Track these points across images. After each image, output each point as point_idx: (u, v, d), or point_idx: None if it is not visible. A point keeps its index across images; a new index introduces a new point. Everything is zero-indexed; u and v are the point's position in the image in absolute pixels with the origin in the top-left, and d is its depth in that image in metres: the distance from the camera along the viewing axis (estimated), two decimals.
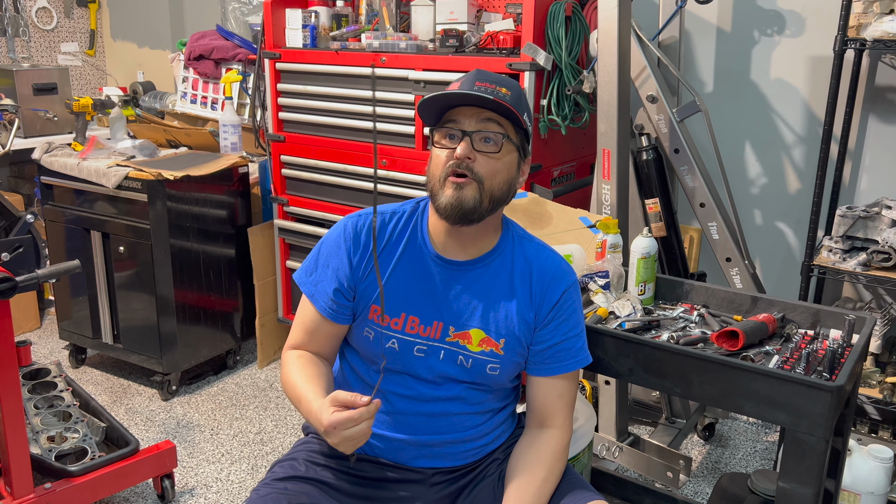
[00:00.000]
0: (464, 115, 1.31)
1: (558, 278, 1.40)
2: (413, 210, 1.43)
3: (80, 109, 3.13)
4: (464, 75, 1.36)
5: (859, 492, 1.96)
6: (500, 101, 1.28)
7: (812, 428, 1.29)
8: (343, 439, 1.17)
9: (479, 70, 1.36)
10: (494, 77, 1.34)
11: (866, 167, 2.55)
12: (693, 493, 2.36)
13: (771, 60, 2.63)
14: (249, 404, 2.91)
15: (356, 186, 2.80)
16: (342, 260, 1.39)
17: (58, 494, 2.02)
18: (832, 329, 1.58)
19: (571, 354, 1.40)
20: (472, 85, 1.31)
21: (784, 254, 2.75)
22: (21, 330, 3.50)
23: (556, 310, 1.39)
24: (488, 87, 1.30)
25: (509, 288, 1.39)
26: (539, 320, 1.39)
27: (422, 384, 1.39)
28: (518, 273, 1.39)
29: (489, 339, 1.37)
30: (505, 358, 1.38)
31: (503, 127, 1.32)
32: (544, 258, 1.42)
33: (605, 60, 2.20)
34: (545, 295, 1.38)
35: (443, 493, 1.42)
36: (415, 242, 1.40)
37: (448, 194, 1.29)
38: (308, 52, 2.81)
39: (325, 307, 1.39)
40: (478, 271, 1.39)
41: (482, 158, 1.30)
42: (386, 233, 1.40)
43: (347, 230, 1.40)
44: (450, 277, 1.38)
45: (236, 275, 3.14)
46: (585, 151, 2.78)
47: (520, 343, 1.39)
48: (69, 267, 1.93)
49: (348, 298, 1.39)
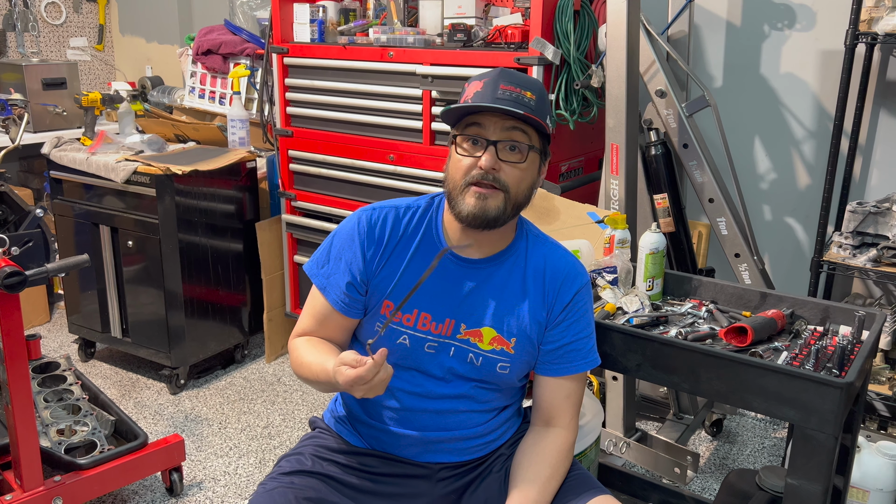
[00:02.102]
0: (488, 120, 1.29)
1: (571, 278, 1.39)
2: (428, 206, 1.42)
3: (89, 104, 3.14)
4: (486, 73, 1.33)
5: (868, 488, 1.95)
6: (529, 115, 1.27)
7: (821, 425, 1.28)
8: (365, 392, 1.18)
9: (502, 70, 1.33)
10: (519, 79, 1.31)
11: (877, 162, 2.53)
12: (701, 490, 2.36)
13: (781, 55, 2.61)
14: (257, 398, 2.92)
15: (364, 181, 2.80)
16: (356, 253, 1.38)
17: (67, 487, 2.03)
18: (842, 325, 1.57)
19: (581, 356, 1.39)
20: (497, 88, 1.28)
21: (793, 249, 2.73)
22: (31, 324, 3.53)
23: (567, 310, 1.38)
24: (513, 92, 1.28)
25: (522, 287, 1.38)
26: (550, 320, 1.38)
27: (430, 381, 1.39)
28: (531, 272, 1.39)
29: (500, 338, 1.37)
30: (515, 357, 1.38)
31: (528, 135, 1.31)
32: (558, 258, 1.41)
33: (613, 55, 2.19)
34: (558, 294, 1.38)
35: (449, 488, 1.42)
36: (429, 238, 1.39)
37: (471, 203, 1.29)
38: (316, 47, 2.81)
39: (338, 300, 1.39)
40: (492, 269, 1.38)
41: (507, 168, 1.29)
42: (400, 227, 1.39)
43: (362, 223, 1.39)
44: (464, 275, 1.37)
45: (244, 269, 3.14)
46: (594, 146, 2.77)
47: (531, 343, 1.38)
48: (78, 261, 1.94)
49: (361, 293, 1.39)
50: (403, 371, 1.39)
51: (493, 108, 1.27)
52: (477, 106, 1.28)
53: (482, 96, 1.29)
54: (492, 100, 1.28)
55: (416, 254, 1.38)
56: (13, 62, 3.65)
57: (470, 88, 1.33)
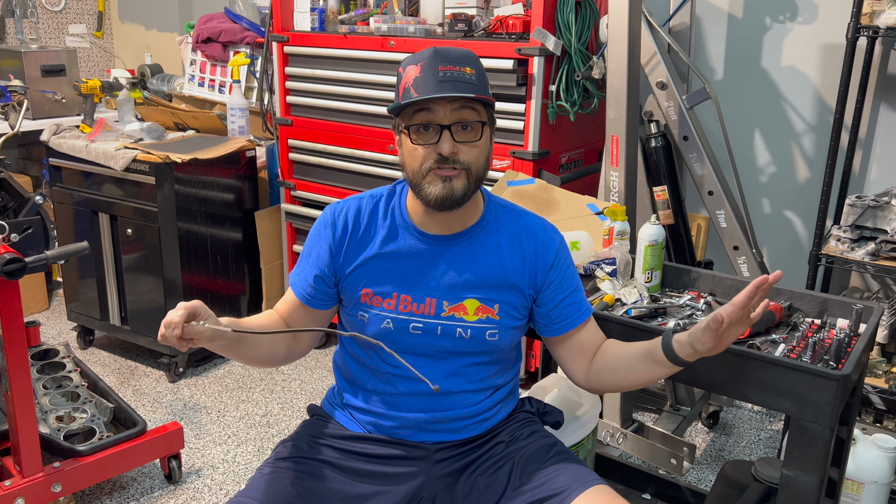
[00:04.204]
0: (436, 105, 1.29)
1: (547, 239, 1.43)
2: (391, 192, 1.45)
3: (88, 91, 3.13)
4: (420, 55, 1.31)
5: (863, 481, 1.96)
6: (480, 97, 1.28)
7: (817, 416, 1.29)
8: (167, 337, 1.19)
9: (436, 50, 1.31)
10: (455, 56, 1.31)
11: (877, 156, 2.53)
12: (697, 481, 2.37)
13: (782, 47, 2.60)
14: (256, 387, 2.93)
15: (363, 171, 2.80)
16: (322, 247, 1.42)
17: (66, 473, 2.04)
18: (839, 318, 1.57)
19: (577, 307, 1.43)
20: (436, 70, 1.28)
21: (792, 243, 2.74)
22: (30, 311, 3.53)
23: (553, 269, 1.42)
24: (453, 71, 1.28)
25: (498, 255, 1.41)
26: (538, 283, 1.42)
27: (420, 361, 1.39)
28: (505, 240, 1.42)
29: (484, 307, 1.39)
30: (501, 323, 1.41)
31: (477, 111, 1.32)
32: (529, 223, 1.45)
33: (614, 46, 2.18)
34: (538, 258, 1.41)
35: (447, 469, 1.43)
36: (396, 223, 1.42)
37: (437, 187, 1.30)
38: (316, 36, 2.80)
39: (303, 292, 1.44)
40: (465, 243, 1.41)
41: (465, 147, 1.31)
42: (365, 216, 1.42)
43: (326, 218, 1.44)
44: (438, 254, 1.40)
45: (243, 258, 3.15)
46: (594, 138, 2.77)
47: (514, 308, 1.41)
48: (77, 249, 1.94)
49: (329, 284, 1.43)
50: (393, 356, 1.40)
51: (445, 98, 1.27)
52: (427, 99, 1.27)
53: (424, 82, 1.28)
54: (435, 84, 1.27)
55: (385, 240, 1.40)
56: (12, 49, 3.63)
57: (407, 74, 1.31)
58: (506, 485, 1.38)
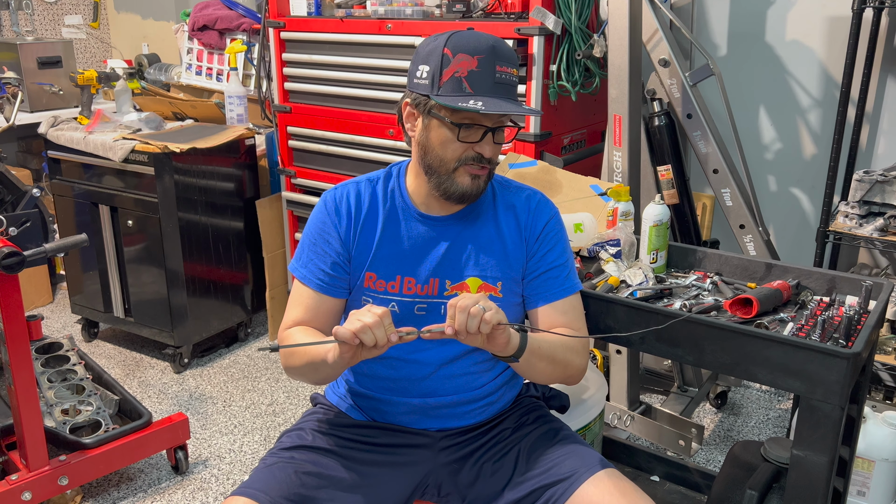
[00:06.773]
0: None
1: (541, 212, 1.43)
2: (388, 175, 1.44)
3: (85, 83, 3.11)
4: (478, 48, 1.28)
5: (874, 458, 1.95)
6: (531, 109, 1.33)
7: (827, 395, 1.27)
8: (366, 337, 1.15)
9: (495, 45, 1.30)
10: (509, 55, 1.32)
11: (884, 130, 2.49)
12: (705, 461, 2.36)
13: (786, 22, 2.56)
14: (261, 376, 2.92)
15: (363, 157, 2.77)
16: (330, 233, 1.40)
17: (73, 466, 2.04)
18: (848, 296, 1.55)
19: (559, 283, 1.41)
20: (494, 70, 1.28)
21: (799, 220, 2.71)
22: (34, 305, 3.53)
23: (540, 240, 1.42)
24: (510, 75, 1.31)
25: (497, 231, 1.41)
26: (527, 255, 1.42)
27: (425, 345, 1.38)
28: (503, 215, 1.42)
29: (486, 285, 1.39)
30: (505, 300, 1.40)
31: (514, 119, 1.36)
32: (526, 197, 1.45)
33: (615, 23, 2.15)
34: (530, 229, 1.42)
35: (451, 456, 1.42)
36: (396, 205, 1.41)
37: (466, 183, 1.32)
38: (313, 21, 2.77)
39: (321, 283, 1.39)
40: (465, 222, 1.41)
41: (497, 147, 1.34)
42: (365, 200, 1.41)
43: (328, 204, 1.41)
44: (438, 234, 1.40)
45: (245, 247, 3.13)
46: (596, 118, 2.73)
47: (517, 283, 1.42)
48: (76, 241, 1.92)
49: (346, 270, 1.40)
50: None
51: (508, 112, 1.27)
52: (494, 113, 1.27)
53: (482, 80, 1.27)
54: (491, 85, 1.28)
55: (386, 223, 1.40)
56: (8, 41, 3.61)
57: (459, 63, 1.28)
58: (512, 471, 1.36)
